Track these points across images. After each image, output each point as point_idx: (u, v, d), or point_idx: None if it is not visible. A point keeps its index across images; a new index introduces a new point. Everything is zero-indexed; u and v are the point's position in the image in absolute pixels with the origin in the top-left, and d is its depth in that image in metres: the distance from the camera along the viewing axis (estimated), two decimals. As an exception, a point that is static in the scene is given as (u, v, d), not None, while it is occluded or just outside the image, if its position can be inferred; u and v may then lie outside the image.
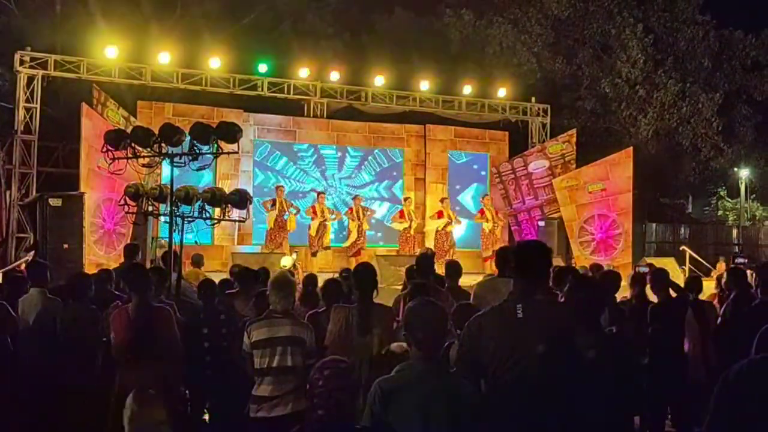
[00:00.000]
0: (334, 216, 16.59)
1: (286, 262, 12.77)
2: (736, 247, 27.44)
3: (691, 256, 18.50)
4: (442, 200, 17.69)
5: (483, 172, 20.20)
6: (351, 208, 16.77)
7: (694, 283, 7.87)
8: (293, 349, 5.18)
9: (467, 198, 19.97)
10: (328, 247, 16.29)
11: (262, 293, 7.08)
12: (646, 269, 10.50)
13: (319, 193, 16.82)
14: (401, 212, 17.29)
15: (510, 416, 3.72)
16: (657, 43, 24.80)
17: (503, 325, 3.83)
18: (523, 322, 3.81)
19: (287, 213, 15.87)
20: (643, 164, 21.36)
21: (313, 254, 16.09)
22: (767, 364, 3.18)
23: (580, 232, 18.14)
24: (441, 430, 3.38)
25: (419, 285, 6.04)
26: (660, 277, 7.40)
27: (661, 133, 24.46)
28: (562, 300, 4.76)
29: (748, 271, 8.20)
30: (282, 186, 16.51)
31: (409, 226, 17.00)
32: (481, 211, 17.76)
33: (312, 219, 16.10)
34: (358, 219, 16.47)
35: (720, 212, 30.82)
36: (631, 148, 18.93)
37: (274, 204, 15.87)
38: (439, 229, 17.01)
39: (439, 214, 17.21)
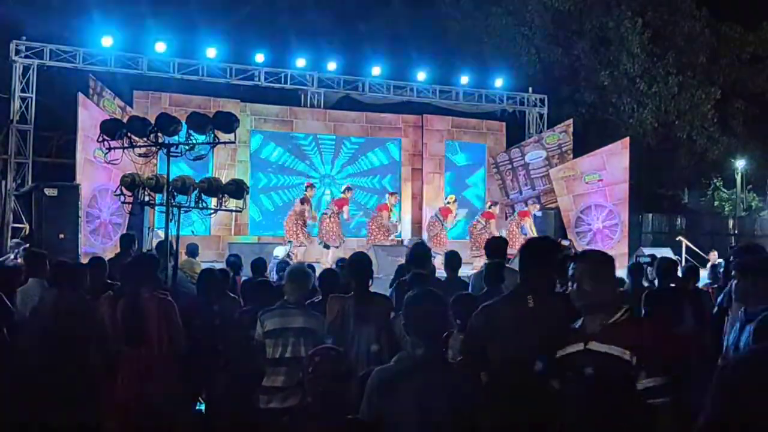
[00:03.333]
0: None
1: (279, 251, 12.73)
2: (732, 238, 27.48)
3: (687, 246, 18.53)
4: (492, 204, 17.14)
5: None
6: (386, 204, 16.27)
7: (691, 273, 7.86)
8: (305, 339, 5.20)
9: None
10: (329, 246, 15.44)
11: (251, 283, 7.09)
12: (649, 259, 10.51)
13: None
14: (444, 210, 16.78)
15: (511, 407, 3.70)
16: (655, 37, 24.80)
17: (513, 315, 3.86)
18: (534, 311, 3.82)
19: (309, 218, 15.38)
20: (640, 155, 21.38)
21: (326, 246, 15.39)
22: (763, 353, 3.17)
23: (577, 223, 18.16)
24: (440, 422, 3.35)
25: (418, 275, 6.02)
26: (669, 266, 7.39)
27: (659, 125, 24.48)
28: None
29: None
30: (312, 184, 16.08)
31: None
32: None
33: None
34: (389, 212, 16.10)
35: (716, 203, 30.82)
36: (628, 138, 18.93)
37: (304, 201, 15.36)
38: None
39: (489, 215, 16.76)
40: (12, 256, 12.79)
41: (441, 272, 7.51)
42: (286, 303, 5.34)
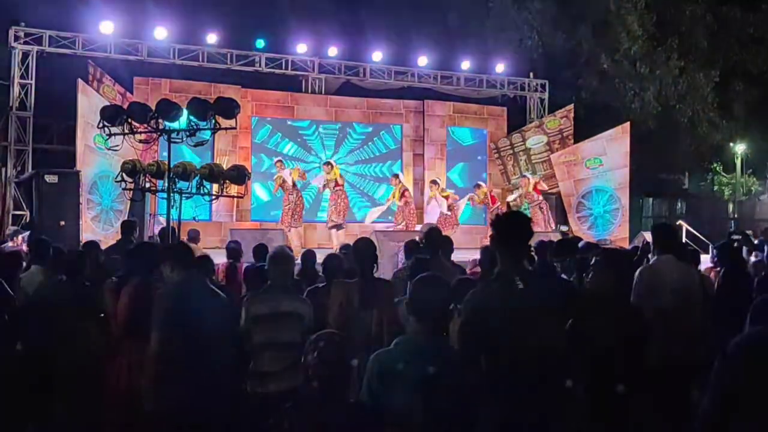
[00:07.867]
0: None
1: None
2: (732, 222, 27.48)
3: (687, 231, 18.54)
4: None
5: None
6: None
7: (692, 256, 7.85)
8: (292, 324, 5.16)
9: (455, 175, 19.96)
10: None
11: (254, 269, 7.08)
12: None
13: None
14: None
15: (509, 388, 3.68)
16: (657, 21, 24.68)
17: (505, 297, 3.73)
18: (524, 292, 3.70)
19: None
20: (641, 139, 21.32)
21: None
22: (762, 336, 3.18)
23: (578, 207, 18.15)
24: (440, 406, 3.34)
25: (421, 260, 6.02)
26: None
27: (660, 109, 24.42)
28: (592, 276, 4.73)
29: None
30: (281, 161, 16.20)
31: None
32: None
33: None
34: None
35: (716, 187, 30.77)
36: (628, 123, 18.89)
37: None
38: None
39: None
40: (11, 243, 12.80)
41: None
42: (272, 287, 5.31)
